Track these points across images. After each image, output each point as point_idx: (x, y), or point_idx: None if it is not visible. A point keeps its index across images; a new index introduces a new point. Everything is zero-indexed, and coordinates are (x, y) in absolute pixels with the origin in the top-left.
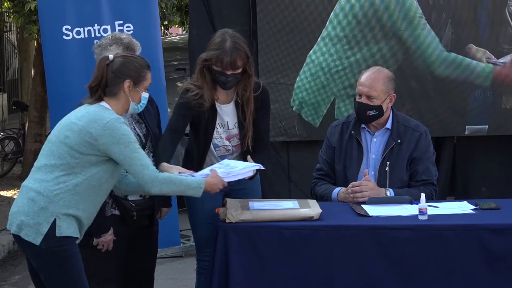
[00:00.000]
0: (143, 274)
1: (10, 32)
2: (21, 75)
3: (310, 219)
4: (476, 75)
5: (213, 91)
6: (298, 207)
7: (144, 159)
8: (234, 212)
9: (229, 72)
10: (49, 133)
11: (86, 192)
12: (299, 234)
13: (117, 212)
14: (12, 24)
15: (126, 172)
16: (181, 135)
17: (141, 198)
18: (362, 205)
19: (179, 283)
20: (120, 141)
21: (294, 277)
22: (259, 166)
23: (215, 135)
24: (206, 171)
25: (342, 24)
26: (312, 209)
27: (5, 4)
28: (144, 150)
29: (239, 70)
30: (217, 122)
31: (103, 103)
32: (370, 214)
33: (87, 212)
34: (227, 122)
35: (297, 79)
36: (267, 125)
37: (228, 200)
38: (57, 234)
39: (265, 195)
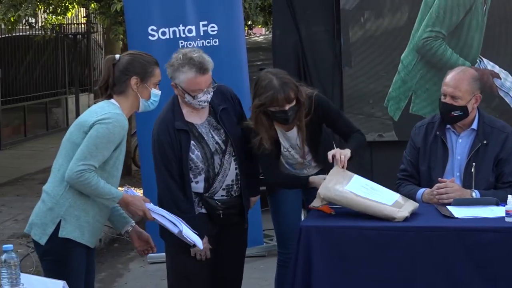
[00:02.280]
0: (232, 270)
1: (97, 33)
2: None
3: (392, 219)
4: None
5: (271, 132)
6: (390, 204)
7: (91, 159)
8: (328, 184)
9: (287, 108)
10: (134, 132)
11: None
12: (382, 235)
13: (204, 211)
14: (99, 25)
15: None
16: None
17: (227, 197)
18: (447, 207)
19: (262, 282)
20: (99, 132)
21: (376, 278)
22: (195, 241)
23: (289, 156)
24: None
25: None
26: (400, 210)
27: (92, 6)
28: (224, 156)
29: (294, 102)
30: (288, 146)
31: (112, 100)
32: (456, 216)
33: (94, 214)
34: (297, 144)
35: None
36: (344, 121)
37: (334, 169)
38: (60, 235)
39: None
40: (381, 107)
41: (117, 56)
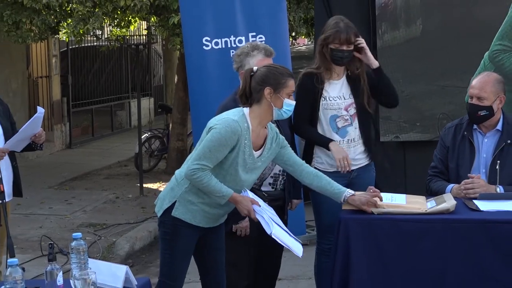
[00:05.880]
0: (270, 259)
1: (156, 44)
2: (166, 82)
3: (447, 211)
4: None
5: (329, 70)
6: (431, 204)
7: (205, 159)
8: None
9: (345, 48)
10: (190, 132)
11: None
12: (415, 227)
13: None
14: (158, 37)
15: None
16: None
17: (273, 190)
18: (474, 201)
19: (304, 268)
20: (213, 136)
21: (410, 267)
22: (295, 250)
23: (334, 106)
24: (252, 195)
25: None
26: (447, 201)
27: (152, 19)
28: None
29: (352, 46)
30: (336, 95)
31: (245, 109)
32: (481, 209)
33: (210, 202)
34: (343, 93)
35: None
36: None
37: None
38: (172, 214)
39: (381, 189)
40: (397, 110)
41: (255, 68)
